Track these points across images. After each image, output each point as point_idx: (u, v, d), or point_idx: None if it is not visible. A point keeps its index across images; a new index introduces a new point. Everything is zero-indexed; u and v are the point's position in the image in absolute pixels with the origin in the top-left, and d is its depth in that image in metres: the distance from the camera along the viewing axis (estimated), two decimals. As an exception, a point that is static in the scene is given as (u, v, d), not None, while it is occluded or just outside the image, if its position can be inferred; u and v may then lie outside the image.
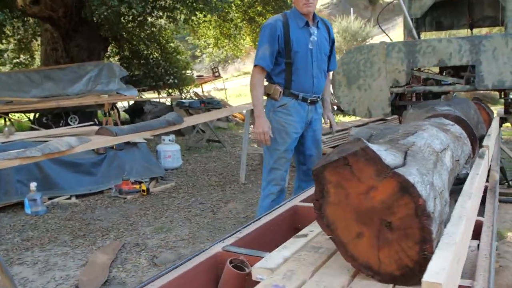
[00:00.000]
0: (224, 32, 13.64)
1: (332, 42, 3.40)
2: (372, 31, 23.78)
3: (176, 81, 12.68)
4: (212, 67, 16.42)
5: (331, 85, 4.40)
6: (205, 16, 10.67)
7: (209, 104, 9.24)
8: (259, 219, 2.13)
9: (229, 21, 12.99)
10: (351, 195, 1.27)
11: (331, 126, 3.68)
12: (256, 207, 5.23)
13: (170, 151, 7.03)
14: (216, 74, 15.73)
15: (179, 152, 7.27)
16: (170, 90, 12.70)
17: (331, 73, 3.60)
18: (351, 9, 26.08)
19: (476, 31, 7.28)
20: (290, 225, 2.31)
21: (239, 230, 1.95)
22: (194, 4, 8.92)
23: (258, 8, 13.32)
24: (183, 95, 13.07)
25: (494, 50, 4.71)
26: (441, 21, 6.93)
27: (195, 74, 15.72)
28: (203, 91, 15.36)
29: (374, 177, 1.24)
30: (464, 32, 7.25)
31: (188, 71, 13.42)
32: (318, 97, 3.34)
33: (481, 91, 6.23)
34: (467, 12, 6.69)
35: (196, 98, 12.51)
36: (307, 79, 3.20)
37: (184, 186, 6.23)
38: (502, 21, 6.17)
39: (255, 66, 3.16)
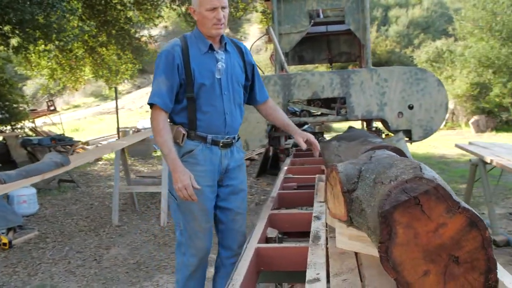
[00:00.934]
0: (62, 63, 12.69)
1: (251, 67, 2.74)
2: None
3: (8, 115, 11.32)
4: (47, 100, 15.07)
5: None
6: (46, 45, 9.79)
7: (60, 141, 8.42)
8: (236, 268, 1.98)
9: (68, 51, 12.12)
10: (420, 234, 1.27)
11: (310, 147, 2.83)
12: (142, 250, 4.91)
13: (26, 195, 6.21)
14: (52, 108, 14.47)
15: (35, 196, 6.47)
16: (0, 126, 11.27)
17: (270, 100, 2.91)
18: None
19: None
20: (255, 269, 2.21)
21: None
22: (37, 31, 8.13)
23: (99, 38, 12.74)
24: (16, 131, 11.71)
25: (361, 84, 5.21)
26: (303, 56, 7.48)
27: (29, 107, 14.25)
28: (36, 126, 13.99)
29: (445, 214, 1.26)
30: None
31: (21, 105, 12.09)
32: (234, 138, 2.62)
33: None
34: (326, 48, 7.34)
35: (35, 135, 11.33)
36: (216, 116, 2.51)
37: (51, 234, 5.55)
38: (357, 57, 6.93)
39: (150, 105, 2.45)
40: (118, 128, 11.63)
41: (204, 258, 2.62)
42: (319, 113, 5.69)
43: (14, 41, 9.20)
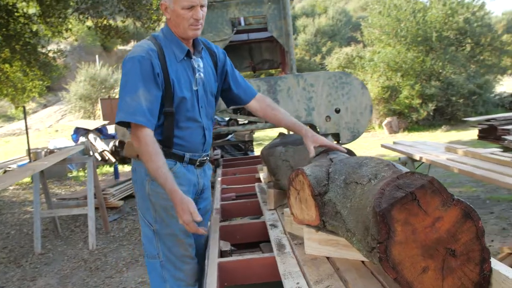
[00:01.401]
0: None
1: (223, 71, 2.44)
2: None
3: None
4: None
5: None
6: None
7: (-34, 166, 7.65)
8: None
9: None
10: (417, 230, 1.24)
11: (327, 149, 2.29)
12: (73, 278, 4.57)
13: None
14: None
15: None
16: None
17: (259, 96, 2.56)
18: (97, 56, 25.55)
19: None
20: (220, 286, 2.08)
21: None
22: None
23: (2, 54, 11.84)
24: None
25: (288, 89, 5.24)
26: (225, 65, 7.39)
27: None
28: None
29: (440, 208, 1.23)
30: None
31: None
32: (208, 155, 2.36)
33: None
34: (248, 55, 7.32)
35: None
36: (195, 133, 2.23)
37: (-36, 271, 4.99)
38: (279, 64, 6.97)
39: (120, 123, 2.04)
40: (29, 149, 10.88)
41: (197, 282, 2.34)
42: (247, 121, 5.64)
43: None
